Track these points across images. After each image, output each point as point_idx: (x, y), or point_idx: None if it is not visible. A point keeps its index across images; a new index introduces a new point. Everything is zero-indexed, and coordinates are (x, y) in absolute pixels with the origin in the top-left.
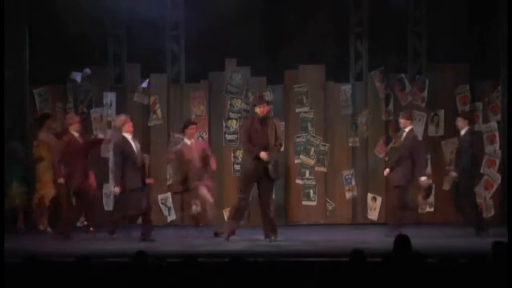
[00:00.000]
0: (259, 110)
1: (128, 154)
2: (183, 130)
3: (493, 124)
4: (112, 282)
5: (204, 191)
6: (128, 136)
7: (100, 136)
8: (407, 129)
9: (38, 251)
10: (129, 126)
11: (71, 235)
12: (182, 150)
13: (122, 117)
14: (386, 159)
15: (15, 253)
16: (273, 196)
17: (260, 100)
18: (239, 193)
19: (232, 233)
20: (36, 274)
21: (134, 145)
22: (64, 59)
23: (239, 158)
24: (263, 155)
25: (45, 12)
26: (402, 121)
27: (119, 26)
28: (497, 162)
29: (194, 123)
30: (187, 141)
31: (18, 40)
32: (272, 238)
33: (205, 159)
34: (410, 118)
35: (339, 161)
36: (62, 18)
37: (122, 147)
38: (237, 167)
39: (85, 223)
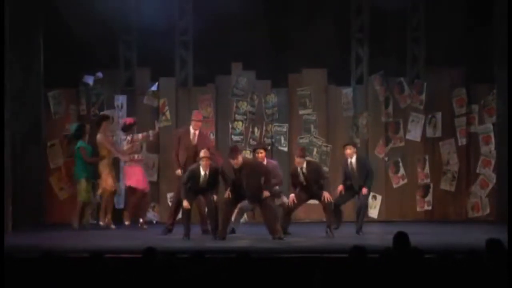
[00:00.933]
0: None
1: None
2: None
3: (489, 126)
4: (124, 277)
5: None
6: None
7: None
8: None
9: (54, 247)
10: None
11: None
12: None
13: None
14: (386, 159)
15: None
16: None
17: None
18: None
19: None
20: (52, 269)
21: None
22: (77, 63)
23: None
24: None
25: (59, 18)
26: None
27: (129, 32)
28: (493, 162)
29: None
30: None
31: (33, 45)
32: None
33: None
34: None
35: (341, 161)
36: (76, 24)
37: None
38: None
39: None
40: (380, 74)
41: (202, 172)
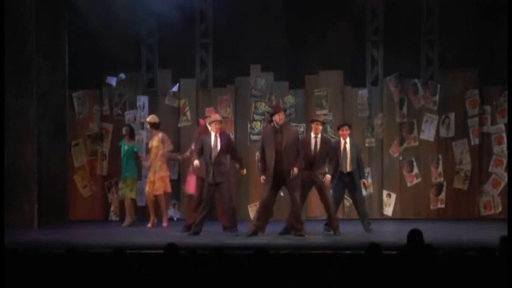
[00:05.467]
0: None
1: None
2: None
3: (501, 126)
4: (145, 272)
5: None
6: None
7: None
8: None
9: (79, 242)
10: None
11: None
12: None
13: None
14: (400, 158)
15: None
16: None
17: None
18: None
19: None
20: (76, 264)
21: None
22: (101, 65)
23: None
24: None
25: (84, 21)
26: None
27: (152, 35)
28: (505, 161)
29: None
30: None
31: (58, 48)
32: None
33: None
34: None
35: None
36: (99, 28)
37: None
38: None
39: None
40: (395, 75)
41: (213, 136)
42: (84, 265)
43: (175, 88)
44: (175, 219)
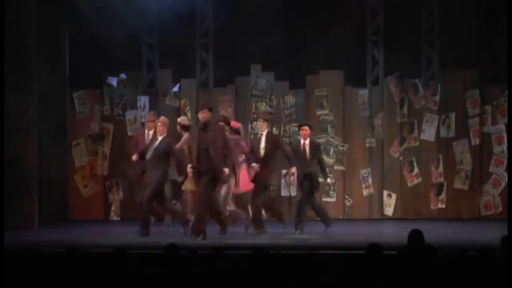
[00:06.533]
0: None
1: None
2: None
3: (501, 127)
4: (145, 271)
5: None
6: None
7: None
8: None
9: (80, 242)
10: None
11: None
12: None
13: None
14: (401, 158)
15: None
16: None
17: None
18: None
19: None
20: (77, 264)
21: None
22: (101, 65)
23: None
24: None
25: (84, 21)
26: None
27: (152, 35)
28: (505, 161)
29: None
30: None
31: (59, 48)
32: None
33: None
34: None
35: (356, 160)
36: (100, 28)
37: None
38: None
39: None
40: (396, 75)
41: (158, 138)
42: (84, 265)
43: (175, 88)
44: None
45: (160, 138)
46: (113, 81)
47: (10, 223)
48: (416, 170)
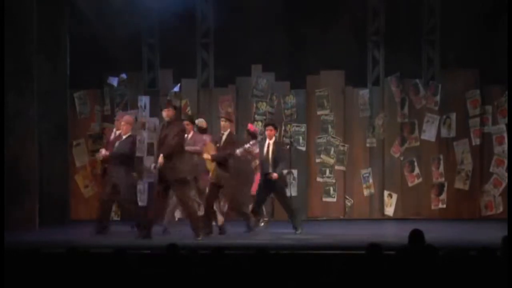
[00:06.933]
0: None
1: None
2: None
3: (502, 127)
4: (145, 272)
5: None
6: None
7: None
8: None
9: (80, 242)
10: None
11: None
12: None
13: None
14: (402, 158)
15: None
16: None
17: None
18: None
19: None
20: (77, 264)
21: None
22: (102, 65)
23: None
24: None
25: (85, 21)
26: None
27: (153, 35)
28: (506, 161)
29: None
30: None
31: (59, 48)
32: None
33: None
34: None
35: (357, 160)
36: (100, 27)
37: None
38: None
39: None
40: (396, 76)
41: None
42: (85, 265)
43: (176, 88)
44: (176, 219)
45: (124, 137)
46: (114, 81)
47: (11, 223)
48: (416, 170)
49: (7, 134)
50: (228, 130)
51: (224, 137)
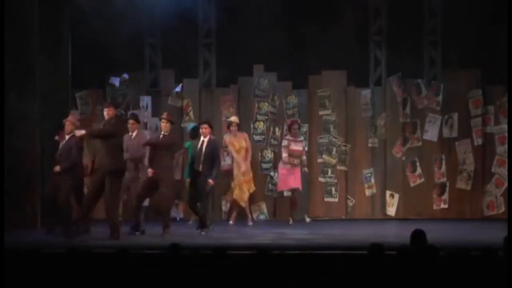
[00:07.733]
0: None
1: None
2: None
3: (504, 127)
4: (147, 271)
5: None
6: None
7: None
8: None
9: (81, 242)
10: None
11: None
12: None
13: None
14: (403, 158)
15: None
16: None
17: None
18: None
19: None
20: (78, 264)
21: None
22: (104, 65)
23: (266, 158)
24: None
25: (87, 21)
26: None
27: (154, 35)
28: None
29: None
30: None
31: (61, 48)
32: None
33: None
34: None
35: (359, 160)
36: (102, 28)
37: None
38: (265, 165)
39: None
40: (398, 76)
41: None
42: (86, 265)
43: (178, 88)
44: (177, 219)
45: (67, 137)
46: (116, 81)
47: (12, 223)
48: (418, 170)
49: (9, 134)
50: (168, 131)
51: (161, 137)
